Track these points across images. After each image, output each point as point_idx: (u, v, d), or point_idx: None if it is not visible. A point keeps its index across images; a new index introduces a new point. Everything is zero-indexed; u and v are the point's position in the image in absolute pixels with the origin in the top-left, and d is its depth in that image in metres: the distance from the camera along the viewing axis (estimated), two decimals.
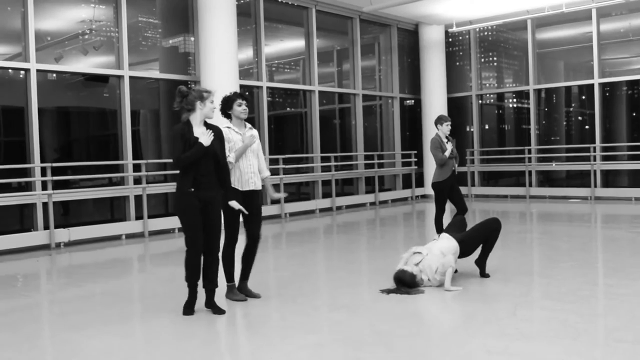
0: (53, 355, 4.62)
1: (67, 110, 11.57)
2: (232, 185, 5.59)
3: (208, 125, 5.30)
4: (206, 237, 5.27)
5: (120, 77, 11.05)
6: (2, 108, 10.30)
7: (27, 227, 9.87)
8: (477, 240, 6.56)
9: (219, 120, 5.64)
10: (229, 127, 5.70)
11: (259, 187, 5.79)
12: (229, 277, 5.80)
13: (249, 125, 5.85)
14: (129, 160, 10.91)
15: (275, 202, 12.75)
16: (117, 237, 10.34)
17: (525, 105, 16.45)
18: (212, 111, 5.30)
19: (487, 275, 6.57)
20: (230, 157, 5.56)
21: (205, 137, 5.12)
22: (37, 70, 10.00)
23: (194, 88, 5.32)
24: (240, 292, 5.87)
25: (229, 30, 11.34)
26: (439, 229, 8.45)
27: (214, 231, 5.29)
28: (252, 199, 5.73)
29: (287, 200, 13.11)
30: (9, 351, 4.57)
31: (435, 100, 16.68)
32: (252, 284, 6.47)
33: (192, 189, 5.12)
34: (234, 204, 5.42)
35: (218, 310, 5.35)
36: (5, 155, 10.16)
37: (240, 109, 5.69)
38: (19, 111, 9.99)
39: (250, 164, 5.68)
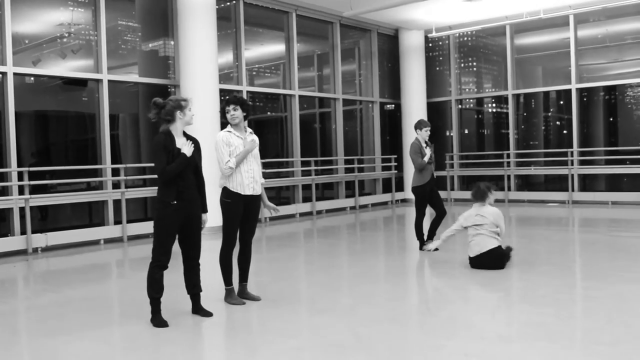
0: None
1: (45, 114, 11.45)
2: (234, 190, 5.61)
3: (187, 136, 5.30)
4: (186, 246, 5.30)
5: (99, 81, 10.97)
6: None
7: (4, 232, 9.74)
8: None
9: (197, 127, 5.62)
10: (229, 132, 5.68)
11: (259, 193, 5.80)
12: (227, 281, 5.79)
13: (249, 129, 5.84)
14: (107, 165, 10.83)
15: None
16: (95, 242, 10.25)
17: (504, 110, 16.58)
18: (192, 118, 5.29)
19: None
20: (231, 162, 5.54)
21: (187, 148, 5.11)
22: (14, 74, 9.88)
23: (170, 98, 5.29)
24: (240, 295, 5.89)
25: (209, 34, 11.31)
26: (419, 234, 8.48)
27: (194, 240, 5.30)
28: (252, 204, 5.74)
29: None
30: None
31: (415, 104, 16.76)
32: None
33: (175, 202, 5.08)
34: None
35: (206, 313, 5.37)
36: None
37: (228, 115, 5.67)
38: None
39: (250, 169, 5.68)
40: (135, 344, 4.80)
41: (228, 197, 5.64)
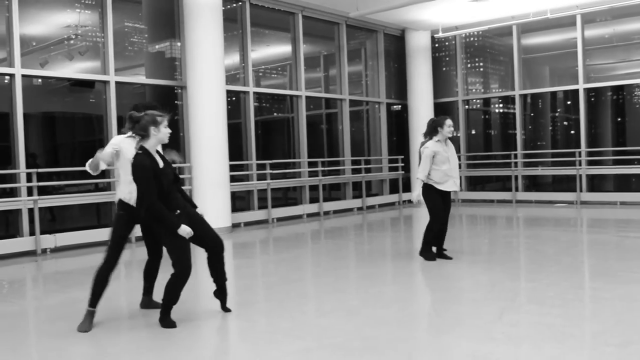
0: None
1: (53, 116, 11.50)
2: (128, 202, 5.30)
3: (161, 155, 5.16)
4: (206, 244, 5.28)
5: (106, 83, 11.01)
6: None
7: (13, 233, 9.79)
8: None
9: (205, 128, 5.51)
10: (132, 137, 5.20)
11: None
12: (94, 301, 5.30)
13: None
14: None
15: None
16: (103, 243, 10.24)
17: (511, 111, 16.54)
18: (167, 136, 5.06)
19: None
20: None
21: (185, 232, 4.96)
22: (22, 76, 9.93)
23: (147, 112, 5.04)
24: (147, 306, 5.74)
25: (215, 35, 11.33)
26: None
27: (209, 235, 5.27)
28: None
29: (274, 205, 13.09)
30: None
31: (421, 105, 16.74)
32: (240, 288, 6.49)
33: (179, 211, 5.06)
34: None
35: (227, 309, 5.47)
36: None
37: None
38: (4, 117, 9.92)
39: None
40: (143, 345, 4.80)
41: (123, 209, 5.37)
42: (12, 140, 9.82)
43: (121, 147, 5.32)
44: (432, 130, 7.74)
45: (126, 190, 5.31)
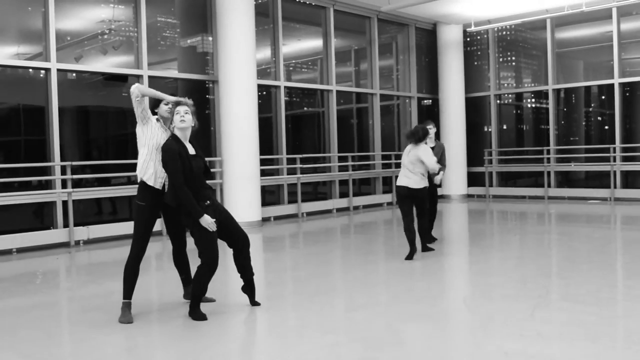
0: (72, 352, 4.66)
1: (87, 110, 11.66)
2: (151, 184, 5.27)
3: (193, 145, 5.21)
4: (231, 241, 5.33)
5: (139, 77, 11.12)
6: (23, 107, 10.40)
7: (47, 225, 9.97)
8: None
9: (234, 121, 5.51)
10: (159, 121, 5.42)
11: None
12: (127, 293, 5.36)
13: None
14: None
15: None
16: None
17: (544, 105, 16.34)
18: (180, 122, 5.09)
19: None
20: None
21: (212, 225, 5.01)
22: (58, 70, 10.09)
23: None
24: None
25: (247, 29, 11.38)
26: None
27: (235, 232, 5.32)
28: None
29: (304, 199, 13.13)
30: (30, 347, 4.62)
31: (453, 100, 16.61)
32: (270, 282, 6.53)
33: (208, 202, 5.11)
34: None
35: (256, 303, 5.50)
36: (26, 153, 10.26)
37: (166, 107, 5.37)
38: (40, 110, 10.10)
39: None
40: (174, 336, 4.85)
41: (143, 199, 5.32)
42: (47, 133, 9.99)
43: (154, 123, 5.39)
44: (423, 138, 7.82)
45: (148, 170, 5.29)
